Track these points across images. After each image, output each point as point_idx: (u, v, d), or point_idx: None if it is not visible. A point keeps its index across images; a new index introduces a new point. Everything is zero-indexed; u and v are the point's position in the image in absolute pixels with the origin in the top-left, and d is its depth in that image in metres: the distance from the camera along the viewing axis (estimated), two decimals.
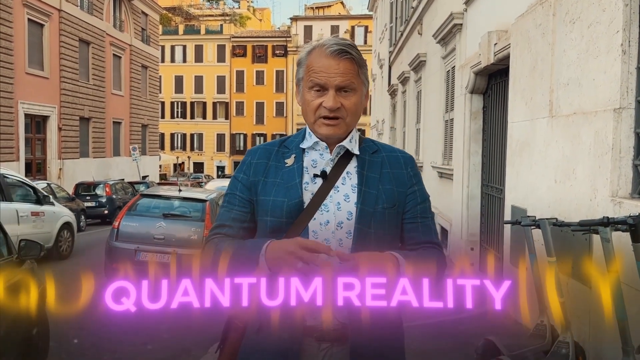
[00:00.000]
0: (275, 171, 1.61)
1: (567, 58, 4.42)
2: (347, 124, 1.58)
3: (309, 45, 1.60)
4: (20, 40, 19.40)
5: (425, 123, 12.54)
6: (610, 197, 3.66)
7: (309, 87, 1.56)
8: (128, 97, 29.05)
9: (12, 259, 4.12)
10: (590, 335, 3.98)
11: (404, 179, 1.66)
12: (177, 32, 52.67)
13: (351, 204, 1.58)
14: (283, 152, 1.64)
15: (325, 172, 1.59)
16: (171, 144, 52.31)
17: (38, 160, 21.30)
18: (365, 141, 1.69)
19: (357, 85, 1.57)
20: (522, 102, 5.50)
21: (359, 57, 1.56)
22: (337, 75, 1.52)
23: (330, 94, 1.53)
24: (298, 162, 1.61)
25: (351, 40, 1.66)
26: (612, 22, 3.70)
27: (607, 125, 3.73)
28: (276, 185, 1.59)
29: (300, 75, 1.61)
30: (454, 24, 9.08)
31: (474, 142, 8.25)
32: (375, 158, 1.66)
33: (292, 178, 1.59)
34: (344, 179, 1.60)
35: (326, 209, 1.56)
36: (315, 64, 1.54)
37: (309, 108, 1.57)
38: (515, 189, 5.71)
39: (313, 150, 1.63)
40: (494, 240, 7.47)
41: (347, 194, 1.59)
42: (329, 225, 1.56)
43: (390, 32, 20.85)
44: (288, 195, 1.56)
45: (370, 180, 1.61)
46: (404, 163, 1.69)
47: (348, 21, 50.49)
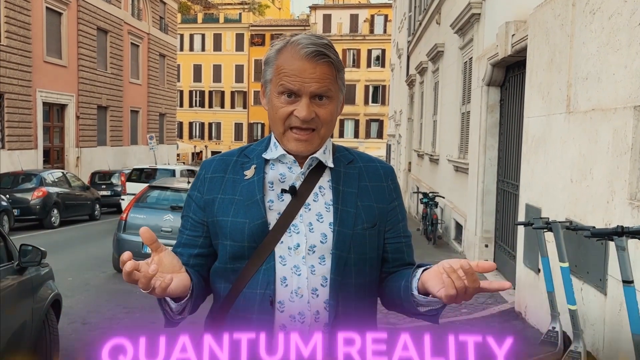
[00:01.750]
0: (233, 185, 1.39)
1: (587, 51, 4.18)
2: (320, 137, 1.37)
3: (280, 41, 1.38)
4: (39, 29, 19.47)
5: (442, 115, 12.29)
6: (628, 200, 3.44)
7: (278, 92, 1.33)
8: (146, 86, 29.11)
9: (13, 266, 3.80)
10: (604, 345, 3.78)
11: (384, 194, 1.45)
12: (196, 20, 52.66)
13: (325, 225, 1.37)
14: (242, 163, 1.43)
15: (294, 187, 1.37)
16: (189, 132, 52.52)
17: (56, 149, 21.45)
18: (338, 150, 1.48)
19: (334, 92, 1.36)
20: (538, 96, 5.27)
21: (337, 60, 1.36)
22: (313, 81, 1.31)
23: (303, 102, 1.31)
24: (259, 174, 1.39)
25: (326, 38, 1.41)
26: (634, 13, 3.46)
27: (627, 123, 3.50)
28: (234, 203, 1.37)
29: (267, 77, 1.37)
30: (471, 14, 8.81)
31: (490, 135, 8.02)
32: (351, 170, 1.44)
33: (252, 194, 1.37)
34: (316, 195, 1.39)
35: (296, 230, 1.35)
36: (287, 65, 1.32)
37: (277, 116, 1.34)
38: (530, 187, 5.49)
39: (280, 163, 1.40)
40: (509, 238, 7.26)
41: (321, 212, 1.37)
42: (299, 249, 1.34)
43: (409, 21, 20.50)
44: (249, 216, 1.35)
45: (347, 196, 1.39)
46: (384, 175, 1.48)
47: (367, 10, 49.92)
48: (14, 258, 3.82)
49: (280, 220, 1.35)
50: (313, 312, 1.33)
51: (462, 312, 6.01)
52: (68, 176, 16.02)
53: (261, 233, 1.34)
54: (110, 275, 7.99)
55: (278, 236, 1.34)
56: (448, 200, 11.24)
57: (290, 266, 1.34)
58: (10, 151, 17.71)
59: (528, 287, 5.49)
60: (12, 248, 3.86)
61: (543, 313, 4.85)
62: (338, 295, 1.34)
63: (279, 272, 1.34)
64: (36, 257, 3.86)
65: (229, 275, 1.38)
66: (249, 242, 1.34)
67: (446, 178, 11.53)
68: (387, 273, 1.47)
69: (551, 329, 3.99)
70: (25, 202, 13.49)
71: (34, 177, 14.32)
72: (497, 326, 5.47)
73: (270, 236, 1.34)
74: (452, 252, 9.98)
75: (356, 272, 1.38)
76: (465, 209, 9.25)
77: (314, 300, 1.33)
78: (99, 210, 16.61)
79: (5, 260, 3.76)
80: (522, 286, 5.73)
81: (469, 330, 5.34)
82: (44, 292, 4.14)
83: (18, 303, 3.74)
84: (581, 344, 3.56)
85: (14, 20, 17.90)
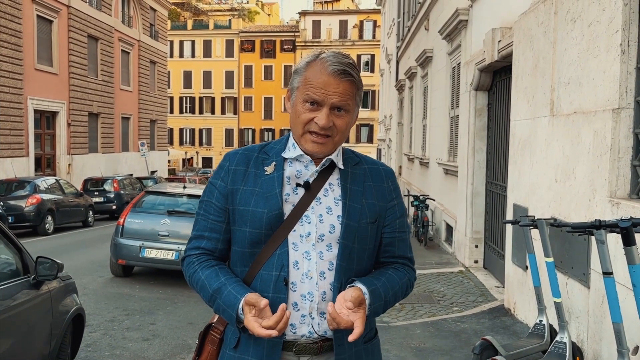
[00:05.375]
0: (255, 179, 1.57)
1: (568, 57, 4.40)
2: (334, 143, 1.55)
3: (310, 55, 1.56)
4: (30, 37, 19.53)
5: (432, 119, 12.51)
6: (608, 198, 3.65)
7: (303, 100, 1.51)
8: (137, 93, 29.18)
9: (29, 280, 3.60)
10: (588, 336, 3.97)
11: (385, 193, 1.64)
12: (186, 27, 52.76)
13: (334, 217, 1.55)
14: (263, 159, 1.60)
15: (308, 182, 1.55)
16: (180, 139, 52.51)
17: (47, 156, 21.46)
18: (346, 152, 1.67)
19: (352, 106, 1.55)
20: (524, 100, 5.48)
21: (358, 79, 1.53)
22: (336, 95, 1.49)
23: (324, 112, 1.49)
24: (278, 171, 1.56)
25: (352, 58, 1.60)
26: (612, 21, 3.67)
27: (606, 125, 3.71)
28: (255, 195, 1.55)
29: (295, 85, 1.55)
30: (459, 20, 9.04)
31: (479, 139, 8.23)
32: (357, 170, 1.63)
33: (272, 187, 1.54)
34: (326, 191, 1.57)
35: (307, 220, 1.53)
36: (314, 78, 1.50)
37: (298, 120, 1.52)
38: (517, 187, 5.70)
39: (297, 162, 1.58)
40: (498, 238, 7.46)
41: (330, 206, 1.56)
42: (310, 237, 1.53)
43: (397, 27, 20.76)
44: (268, 206, 1.52)
45: (354, 193, 1.58)
46: (385, 176, 1.67)
47: (357, 16, 50.32)
48: (30, 271, 3.64)
49: (294, 211, 1.54)
50: (320, 292, 1.52)
51: (454, 310, 6.19)
52: (61, 183, 16.06)
53: (277, 222, 1.52)
54: (108, 280, 8.09)
55: (292, 225, 1.52)
56: (438, 203, 11.44)
57: (301, 252, 1.52)
58: (2, 159, 17.72)
59: (516, 284, 5.69)
60: (28, 261, 3.68)
61: (531, 308, 5.04)
62: (342, 278, 1.53)
63: (292, 256, 1.52)
64: (52, 271, 3.66)
65: (247, 259, 1.56)
66: (266, 229, 1.52)
67: (436, 181, 11.74)
68: (377, 262, 1.67)
69: (538, 322, 4.18)
70: (19, 209, 13.53)
71: (27, 184, 14.37)
72: (487, 322, 5.66)
73: (284, 225, 1.52)
74: (443, 253, 10.17)
75: (358, 259, 1.57)
76: (455, 211, 9.45)
77: (321, 282, 1.52)
78: (92, 217, 16.66)
79: (22, 274, 3.59)
80: (510, 283, 5.93)
81: (461, 326, 5.52)
82: (64, 306, 3.99)
83: (35, 319, 3.59)
84: (566, 334, 3.75)
85: (5, 29, 17.95)
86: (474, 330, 5.41)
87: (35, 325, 3.59)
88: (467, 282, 7.55)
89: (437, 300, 6.63)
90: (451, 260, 9.39)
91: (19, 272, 3.59)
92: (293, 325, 1.50)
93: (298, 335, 1.51)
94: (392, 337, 5.19)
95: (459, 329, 5.46)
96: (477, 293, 6.94)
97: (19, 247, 3.66)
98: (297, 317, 1.50)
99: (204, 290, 1.55)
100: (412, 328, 5.54)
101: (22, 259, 3.65)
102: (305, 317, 1.51)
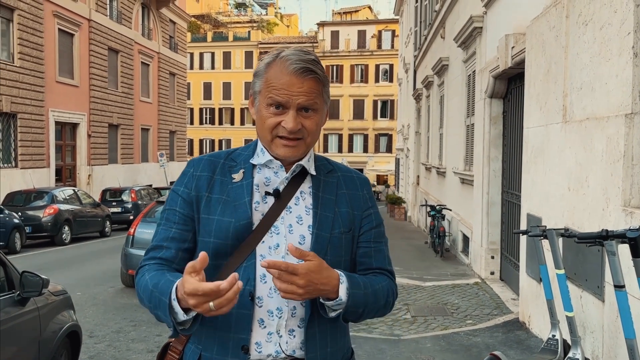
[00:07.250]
0: (221, 187, 1.47)
1: (580, 61, 4.25)
2: (306, 145, 1.45)
3: (270, 55, 1.46)
4: (51, 50, 19.86)
5: (448, 128, 12.35)
6: (622, 207, 3.48)
7: (267, 104, 1.42)
8: (156, 104, 29.45)
9: (13, 297, 3.40)
10: (603, 352, 3.79)
11: (360, 201, 1.54)
12: (206, 39, 53.32)
13: (304, 227, 1.45)
14: (230, 166, 1.50)
15: (278, 190, 1.46)
16: (200, 149, 52.90)
17: (68, 167, 21.73)
18: (319, 159, 1.56)
19: (320, 105, 1.44)
20: (537, 107, 5.33)
21: (323, 75, 1.43)
22: (301, 95, 1.39)
23: (290, 114, 1.39)
24: (247, 179, 1.47)
25: (313, 53, 1.49)
26: (624, 23, 3.53)
27: (619, 131, 3.56)
28: (222, 203, 1.44)
29: (257, 88, 1.45)
30: (474, 27, 8.91)
31: (494, 147, 8.07)
32: (330, 178, 1.53)
33: (241, 196, 1.45)
34: (297, 199, 1.47)
35: (276, 231, 1.43)
36: (276, 80, 1.40)
37: (265, 126, 1.43)
38: (530, 196, 5.53)
39: (266, 168, 1.49)
40: (514, 249, 7.27)
41: (301, 215, 1.46)
42: (279, 249, 1.42)
43: (415, 36, 20.66)
44: (236, 215, 1.42)
45: (326, 202, 1.48)
46: (360, 184, 1.57)
47: (375, 26, 50.26)
48: (15, 287, 3.43)
49: (263, 221, 1.43)
50: (290, 307, 1.40)
51: (467, 323, 6.02)
52: (79, 193, 16.22)
53: (245, 232, 1.41)
54: (119, 290, 8.07)
55: (260, 236, 1.42)
56: (455, 213, 11.25)
57: None
58: (23, 170, 17.98)
59: (531, 296, 5.50)
60: (13, 276, 3.45)
61: (546, 322, 4.85)
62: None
63: (259, 269, 1.40)
64: (37, 287, 3.43)
65: (210, 272, 1.41)
66: (233, 240, 1.41)
67: (453, 190, 11.55)
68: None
69: (551, 337, 4.00)
70: (37, 219, 13.68)
71: (45, 195, 14.53)
72: (500, 336, 5.48)
73: (252, 235, 1.41)
74: (459, 264, 9.97)
75: None
76: (471, 221, 9.26)
77: None
78: (109, 227, 16.78)
79: (6, 290, 3.39)
80: (525, 296, 5.74)
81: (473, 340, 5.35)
82: (56, 323, 3.79)
83: (20, 338, 3.40)
84: (579, 350, 3.58)
85: (27, 42, 18.28)
86: (486, 344, 5.23)
87: (20, 343, 3.40)
88: (482, 294, 7.35)
89: (451, 313, 6.46)
90: (467, 271, 9.19)
91: (3, 287, 3.40)
92: (259, 344, 1.39)
93: (264, 355, 1.39)
94: (400, 351, 5.04)
95: (470, 343, 5.29)
96: (492, 305, 6.75)
97: (3, 261, 3.46)
98: (263, 334, 1.39)
99: (146, 291, 1.37)
100: (422, 341, 5.38)
101: (6, 273, 3.44)
102: (272, 335, 1.39)
